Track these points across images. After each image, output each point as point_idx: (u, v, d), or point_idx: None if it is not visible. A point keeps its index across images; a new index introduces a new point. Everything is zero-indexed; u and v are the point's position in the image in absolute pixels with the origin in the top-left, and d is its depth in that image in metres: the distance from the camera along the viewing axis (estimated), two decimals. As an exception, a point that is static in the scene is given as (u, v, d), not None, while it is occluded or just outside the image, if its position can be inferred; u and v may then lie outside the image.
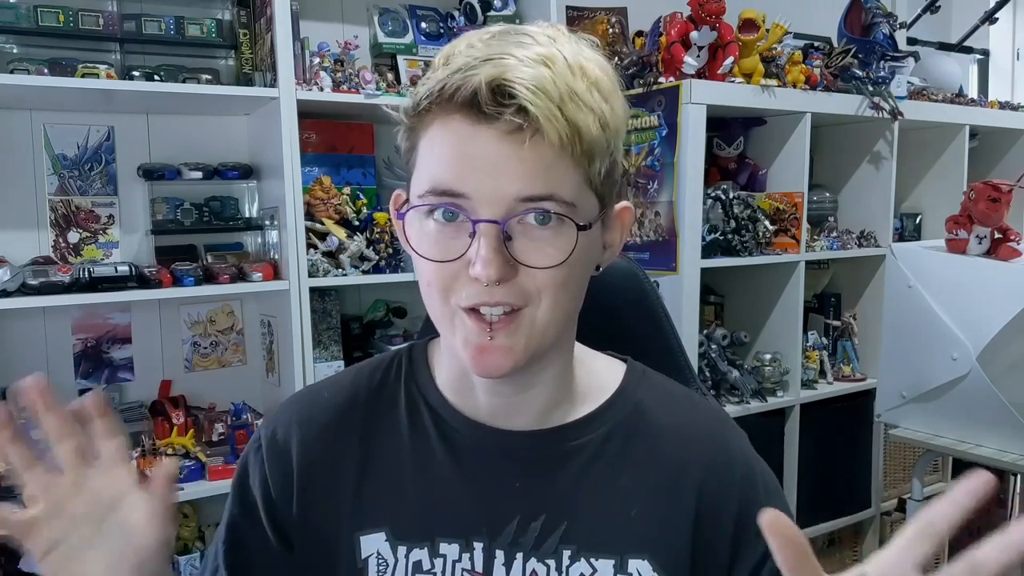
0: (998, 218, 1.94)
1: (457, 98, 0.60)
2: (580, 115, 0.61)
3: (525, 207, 0.61)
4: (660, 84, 2.14)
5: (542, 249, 0.62)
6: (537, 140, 0.60)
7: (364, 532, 0.73)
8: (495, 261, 0.61)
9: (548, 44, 0.63)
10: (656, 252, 2.18)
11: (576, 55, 0.64)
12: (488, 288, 0.62)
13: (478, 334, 0.64)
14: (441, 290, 0.65)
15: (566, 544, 0.71)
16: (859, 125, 2.56)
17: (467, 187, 0.61)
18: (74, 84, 1.72)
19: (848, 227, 2.63)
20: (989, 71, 4.03)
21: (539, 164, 0.61)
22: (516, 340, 0.64)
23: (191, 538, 1.97)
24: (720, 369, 2.31)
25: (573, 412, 0.74)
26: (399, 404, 0.76)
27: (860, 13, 2.59)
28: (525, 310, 0.64)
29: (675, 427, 0.75)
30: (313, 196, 2.04)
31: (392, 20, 2.27)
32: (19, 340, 1.92)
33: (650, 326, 0.92)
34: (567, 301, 0.66)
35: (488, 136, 0.61)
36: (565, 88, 0.61)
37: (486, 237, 0.61)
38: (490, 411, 0.73)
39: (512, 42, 0.63)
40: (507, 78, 0.59)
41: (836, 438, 2.59)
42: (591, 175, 0.64)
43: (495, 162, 0.61)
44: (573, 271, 0.65)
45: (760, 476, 0.75)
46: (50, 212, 1.94)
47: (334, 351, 2.13)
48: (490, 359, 0.64)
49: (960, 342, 1.88)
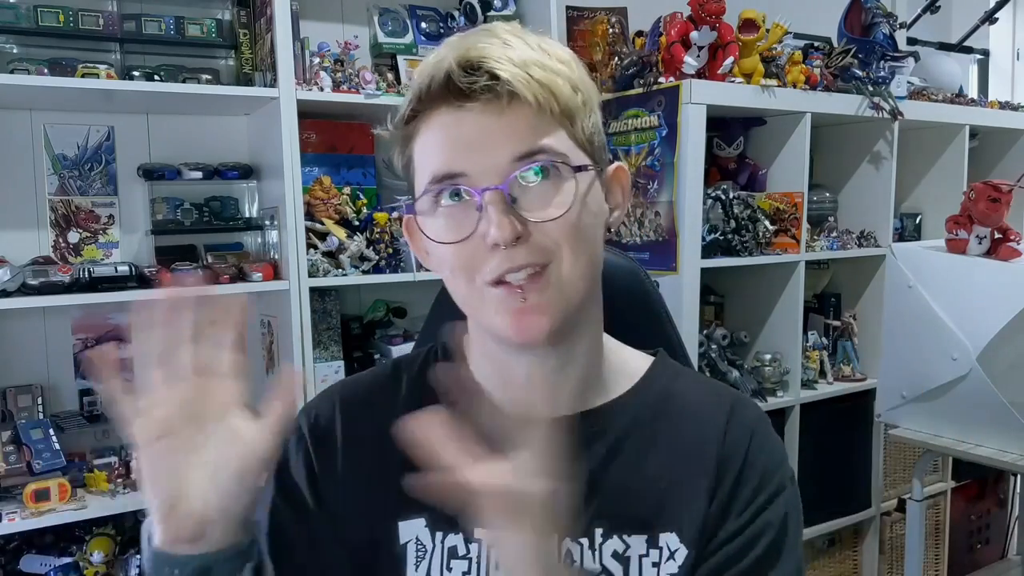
0: (998, 218, 1.94)
1: (433, 88, 0.65)
2: (549, 76, 0.65)
3: (520, 165, 0.65)
4: (660, 84, 2.14)
5: (548, 201, 0.66)
6: (515, 104, 0.64)
7: (403, 518, 0.74)
8: (506, 222, 0.63)
9: (509, 35, 0.67)
10: (656, 252, 2.18)
11: (538, 42, 0.68)
12: (508, 254, 0.64)
13: (510, 299, 0.66)
14: (464, 271, 0.67)
15: (598, 521, 0.72)
16: (859, 125, 2.56)
17: (463, 165, 0.65)
18: (74, 84, 1.71)
19: (848, 227, 2.63)
20: (989, 71, 4.03)
21: (522, 125, 0.65)
22: (548, 296, 0.66)
23: (191, 538, 1.97)
24: (720, 369, 2.31)
25: (605, 395, 0.77)
26: (437, 391, 0.77)
27: (860, 13, 2.59)
28: (550, 267, 0.66)
29: (699, 405, 0.78)
30: (313, 196, 2.04)
31: (392, 20, 2.27)
32: (19, 340, 1.92)
33: (651, 325, 0.92)
34: (584, 251, 0.68)
35: (470, 114, 0.64)
36: (531, 58, 0.65)
37: (492, 203, 0.64)
38: (527, 397, 0.74)
39: (476, 35, 0.67)
40: (473, 54, 0.64)
41: (836, 438, 2.59)
42: (575, 134, 0.68)
43: (482, 134, 0.65)
44: (583, 219, 0.67)
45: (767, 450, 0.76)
46: (50, 212, 1.93)
47: (334, 351, 2.13)
48: (529, 321, 0.66)
49: (960, 342, 1.88)
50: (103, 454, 1.90)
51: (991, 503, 3.14)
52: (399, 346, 2.19)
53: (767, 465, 0.76)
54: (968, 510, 3.06)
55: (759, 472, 0.75)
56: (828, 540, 2.69)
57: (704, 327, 2.39)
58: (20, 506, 1.69)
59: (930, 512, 2.83)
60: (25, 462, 1.75)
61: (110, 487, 1.80)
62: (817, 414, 2.50)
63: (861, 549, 2.77)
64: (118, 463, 1.85)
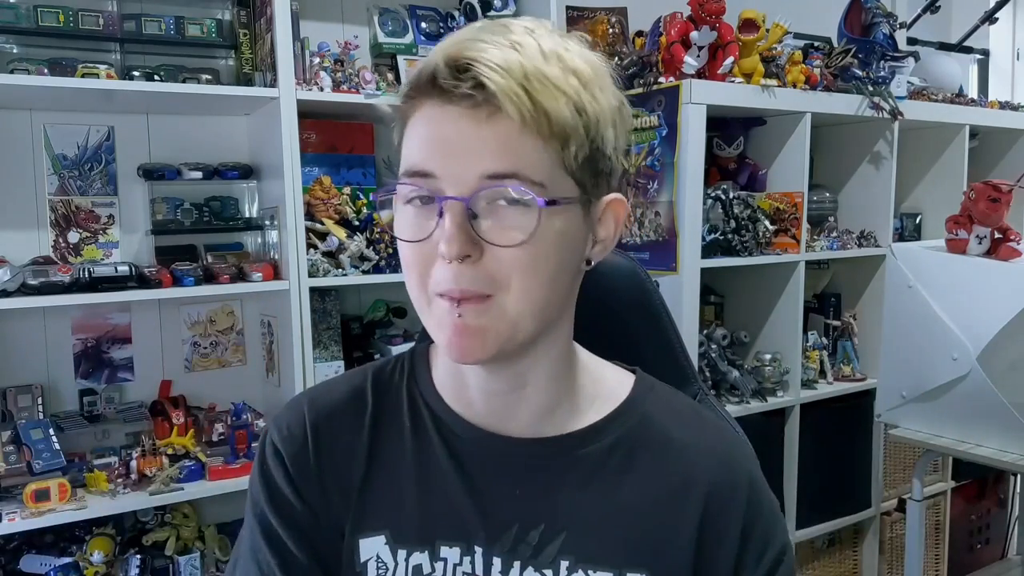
0: (998, 218, 1.94)
1: (422, 79, 0.63)
2: (546, 94, 0.60)
3: (490, 184, 0.61)
4: (660, 84, 2.14)
5: (507, 228, 0.62)
6: (498, 117, 0.60)
7: (364, 535, 0.72)
8: (458, 237, 0.61)
9: (524, 33, 0.63)
10: (656, 252, 2.18)
11: (555, 45, 0.63)
12: (456, 271, 0.62)
13: (448, 312, 0.64)
14: (418, 275, 0.65)
15: (564, 554, 0.70)
16: (859, 125, 2.56)
17: (434, 166, 0.62)
18: (74, 84, 1.71)
19: (848, 227, 2.63)
20: (989, 71, 4.03)
21: (501, 141, 0.61)
22: (486, 323, 0.63)
23: (191, 538, 1.97)
24: (720, 369, 2.31)
25: (577, 420, 0.73)
26: (402, 406, 0.76)
27: (860, 13, 2.58)
28: (494, 298, 0.63)
29: (682, 443, 0.74)
30: (313, 196, 2.04)
31: (392, 20, 2.27)
32: (19, 340, 1.92)
33: (651, 326, 0.92)
34: (539, 288, 0.64)
35: (453, 115, 0.61)
36: (532, 69, 0.60)
37: (450, 213, 0.61)
38: (487, 412, 0.73)
39: (488, 30, 0.63)
40: (465, 55, 0.60)
41: (836, 438, 2.59)
42: (565, 159, 0.63)
43: (458, 140, 0.61)
44: (543, 255, 0.63)
45: (766, 501, 0.74)
46: (50, 212, 1.94)
47: (334, 351, 2.13)
48: (464, 341, 0.64)
49: (960, 342, 1.88)
50: (103, 454, 1.90)
51: (991, 503, 3.14)
52: (399, 346, 2.19)
53: (771, 519, 0.74)
54: (968, 510, 3.06)
55: (765, 527, 0.72)
56: (828, 540, 2.68)
57: (704, 327, 2.39)
58: (20, 506, 1.69)
59: (930, 512, 2.83)
60: (25, 462, 1.75)
61: (110, 487, 1.80)
62: (817, 414, 2.50)
63: (861, 549, 2.77)
64: (118, 463, 1.85)
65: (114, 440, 1.98)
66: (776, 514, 0.75)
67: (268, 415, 2.06)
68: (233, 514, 2.10)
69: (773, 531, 0.73)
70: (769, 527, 0.73)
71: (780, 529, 0.74)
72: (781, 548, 0.73)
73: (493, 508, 0.71)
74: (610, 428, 0.74)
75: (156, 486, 1.82)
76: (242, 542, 0.74)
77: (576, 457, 0.72)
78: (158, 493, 1.81)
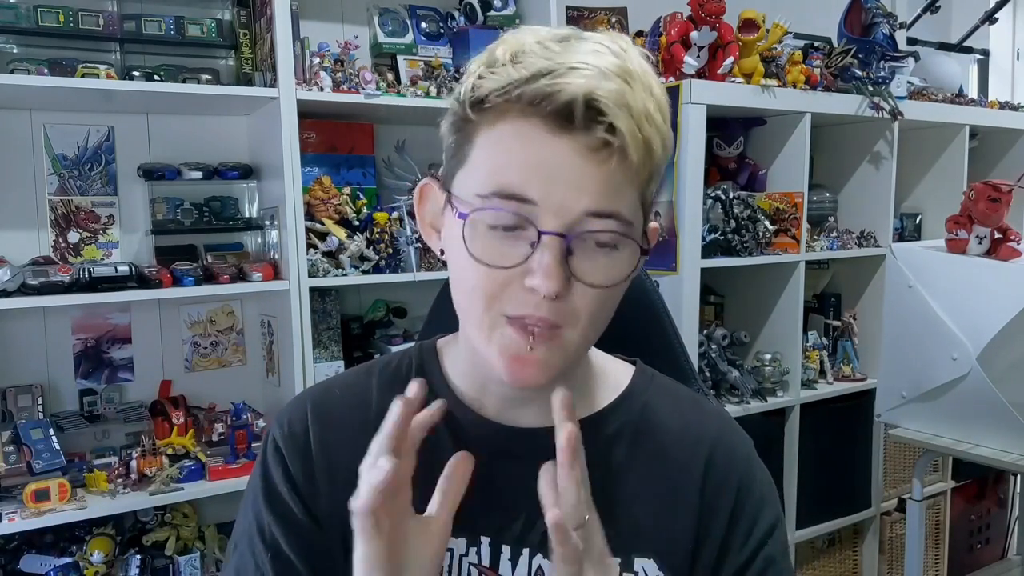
0: (998, 218, 1.94)
1: (544, 105, 0.59)
2: (652, 135, 0.61)
3: (591, 223, 0.61)
4: (660, 84, 2.14)
5: (601, 268, 0.62)
6: (619, 158, 0.60)
7: None
8: (558, 275, 0.60)
9: (621, 55, 0.62)
10: (656, 252, 2.18)
11: (645, 72, 0.63)
12: (538, 301, 0.61)
13: (519, 344, 0.63)
14: (487, 297, 0.63)
15: None
16: (859, 125, 2.56)
17: (537, 195, 0.60)
18: (74, 84, 1.71)
19: (848, 227, 2.63)
20: (989, 71, 4.03)
21: (614, 182, 0.61)
22: (553, 356, 0.64)
23: (191, 538, 1.97)
24: (720, 369, 2.31)
25: (582, 409, 0.74)
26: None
27: (860, 13, 2.59)
28: (563, 331, 0.63)
29: (681, 428, 0.76)
30: (313, 196, 2.03)
31: (392, 20, 2.27)
32: (19, 340, 1.92)
33: (652, 325, 0.92)
34: (603, 324, 0.67)
35: (569, 147, 0.60)
36: (642, 107, 0.60)
37: (551, 249, 0.60)
38: (501, 404, 0.73)
39: (586, 49, 0.61)
40: (599, 95, 0.59)
41: (836, 438, 2.59)
42: (646, 195, 0.64)
43: (572, 174, 0.60)
44: (617, 295, 0.65)
45: (759, 482, 0.76)
46: (50, 212, 1.93)
47: (334, 351, 2.13)
48: (527, 371, 0.64)
49: (960, 342, 1.88)
50: (103, 454, 1.91)
51: (991, 503, 3.14)
52: (399, 346, 2.19)
53: (762, 499, 0.75)
54: (968, 510, 3.06)
55: (755, 506, 0.74)
56: (828, 540, 2.69)
57: (704, 327, 2.39)
58: (20, 506, 1.69)
59: (930, 512, 2.83)
60: (25, 462, 1.75)
61: (110, 487, 1.80)
62: (817, 414, 2.50)
63: (861, 549, 2.77)
64: (118, 463, 1.85)
65: (114, 440, 1.98)
66: (766, 496, 0.75)
67: (268, 415, 2.06)
68: (233, 514, 2.08)
69: (760, 511, 0.74)
70: (758, 508, 0.74)
71: (769, 510, 0.75)
72: (768, 529, 0.74)
73: (501, 498, 0.72)
74: (613, 417, 0.75)
75: (156, 486, 1.82)
76: (239, 530, 0.75)
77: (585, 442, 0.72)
78: (158, 493, 1.81)
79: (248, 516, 0.75)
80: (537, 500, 0.70)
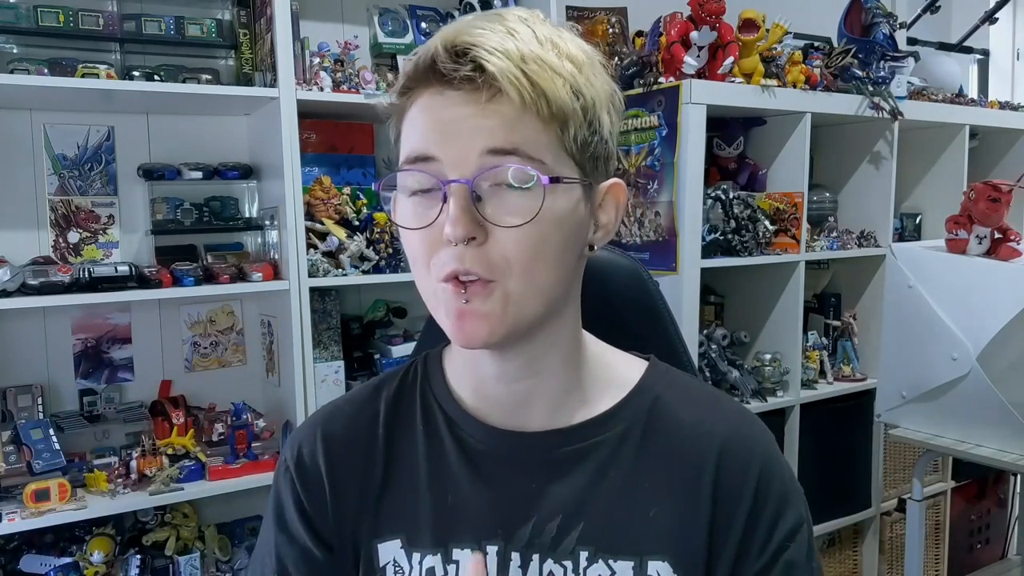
0: (998, 218, 1.94)
1: (420, 67, 0.63)
2: (544, 77, 0.62)
3: (491, 161, 0.62)
4: (660, 84, 2.14)
5: (513, 208, 0.62)
6: (498, 99, 0.61)
7: (381, 540, 0.73)
8: (462, 219, 0.61)
9: (519, 22, 0.64)
10: (656, 252, 2.18)
11: (549, 33, 0.65)
12: (460, 253, 0.62)
13: (454, 298, 0.64)
14: (424, 264, 0.65)
15: (583, 545, 0.69)
16: (859, 125, 2.56)
17: (436, 150, 0.63)
18: (74, 84, 1.72)
19: (848, 227, 2.63)
20: (989, 71, 4.03)
21: (501, 120, 0.62)
22: (491, 307, 0.64)
23: (191, 538, 1.97)
24: (720, 369, 2.31)
25: (589, 409, 0.73)
26: (415, 411, 0.76)
27: (860, 13, 2.59)
28: (499, 283, 0.63)
29: (694, 423, 0.73)
30: (313, 196, 2.03)
31: (392, 20, 2.27)
32: (19, 340, 1.92)
33: (653, 325, 0.92)
34: (542, 270, 0.64)
35: (452, 99, 0.62)
36: (529, 52, 0.62)
37: (455, 196, 0.62)
38: (503, 406, 0.73)
39: (484, 19, 0.64)
40: (463, 40, 0.61)
41: (836, 438, 2.59)
42: (565, 141, 0.64)
43: (459, 122, 0.62)
44: (546, 236, 0.63)
45: (779, 480, 0.72)
46: (50, 212, 1.94)
47: (334, 351, 2.13)
48: (469, 325, 0.64)
49: (960, 342, 1.88)
50: (103, 454, 1.91)
51: (991, 503, 3.14)
52: (399, 346, 2.19)
53: (782, 499, 0.71)
54: (968, 510, 3.06)
55: (775, 507, 0.70)
56: (828, 540, 2.68)
57: (704, 327, 2.39)
58: (20, 506, 1.69)
59: (930, 512, 2.83)
60: (25, 462, 1.75)
61: (110, 487, 1.80)
62: (817, 414, 2.50)
63: (861, 549, 2.77)
64: (118, 463, 1.85)
65: (114, 440, 1.99)
66: (787, 496, 0.72)
67: (268, 415, 2.06)
68: (233, 514, 2.11)
69: (781, 512, 0.70)
70: (777, 508, 0.70)
71: (791, 510, 0.71)
72: (789, 532, 0.70)
73: (509, 504, 0.71)
74: (622, 414, 0.73)
75: (156, 486, 1.82)
76: (258, 545, 0.79)
77: (590, 445, 0.72)
78: (158, 493, 1.81)
79: (264, 535, 0.78)
80: (545, 504, 0.71)
